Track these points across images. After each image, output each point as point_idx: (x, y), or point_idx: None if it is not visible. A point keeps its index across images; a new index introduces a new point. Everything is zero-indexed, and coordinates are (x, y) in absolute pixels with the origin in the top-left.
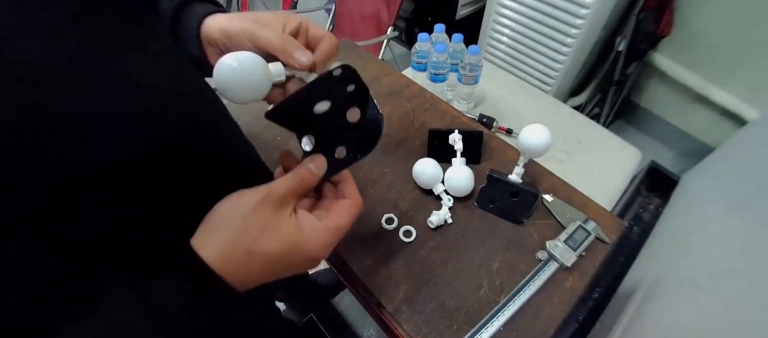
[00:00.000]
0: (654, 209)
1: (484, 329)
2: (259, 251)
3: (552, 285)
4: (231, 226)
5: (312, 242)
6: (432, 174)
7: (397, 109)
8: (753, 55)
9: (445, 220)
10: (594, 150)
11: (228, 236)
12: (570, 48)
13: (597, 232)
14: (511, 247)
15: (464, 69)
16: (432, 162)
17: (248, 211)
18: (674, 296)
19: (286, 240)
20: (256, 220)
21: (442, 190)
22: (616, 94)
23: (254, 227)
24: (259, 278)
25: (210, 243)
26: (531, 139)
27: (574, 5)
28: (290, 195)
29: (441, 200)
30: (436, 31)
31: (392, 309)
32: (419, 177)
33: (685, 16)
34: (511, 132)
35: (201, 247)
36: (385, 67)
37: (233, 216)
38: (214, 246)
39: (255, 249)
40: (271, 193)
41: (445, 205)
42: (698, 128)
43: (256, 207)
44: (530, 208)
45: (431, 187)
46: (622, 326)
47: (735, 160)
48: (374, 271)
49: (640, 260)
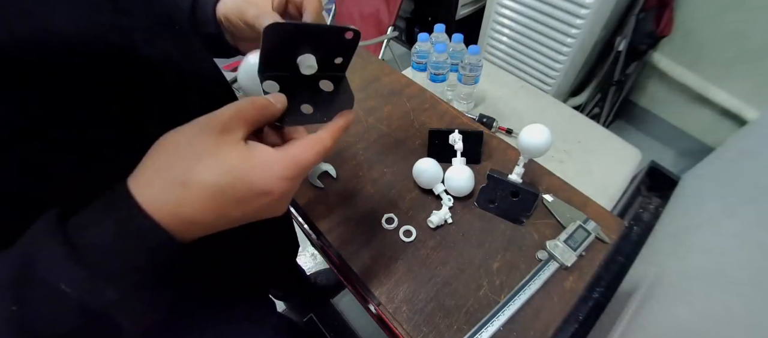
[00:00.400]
0: (654, 209)
1: (484, 329)
2: (195, 180)
3: (552, 285)
4: (164, 158)
5: (262, 172)
6: (432, 173)
7: (397, 108)
8: (753, 55)
9: (445, 220)
10: (594, 150)
11: (161, 170)
12: (570, 48)
13: (597, 232)
14: (511, 247)
15: (464, 69)
16: (432, 161)
17: (186, 140)
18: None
19: (229, 167)
20: (193, 148)
21: (442, 190)
22: (616, 94)
23: (190, 155)
24: (203, 218)
25: (143, 181)
26: (531, 139)
27: (574, 5)
28: (237, 121)
29: (441, 200)
30: (436, 31)
31: (392, 309)
32: (419, 176)
33: (685, 16)
34: (511, 132)
35: (135, 187)
36: (385, 67)
37: (169, 148)
38: (147, 183)
39: (190, 178)
40: (214, 119)
41: (445, 205)
42: (698, 128)
43: (195, 135)
44: (530, 208)
45: (431, 187)
46: (622, 326)
47: (735, 160)
48: (374, 271)
49: (640, 260)
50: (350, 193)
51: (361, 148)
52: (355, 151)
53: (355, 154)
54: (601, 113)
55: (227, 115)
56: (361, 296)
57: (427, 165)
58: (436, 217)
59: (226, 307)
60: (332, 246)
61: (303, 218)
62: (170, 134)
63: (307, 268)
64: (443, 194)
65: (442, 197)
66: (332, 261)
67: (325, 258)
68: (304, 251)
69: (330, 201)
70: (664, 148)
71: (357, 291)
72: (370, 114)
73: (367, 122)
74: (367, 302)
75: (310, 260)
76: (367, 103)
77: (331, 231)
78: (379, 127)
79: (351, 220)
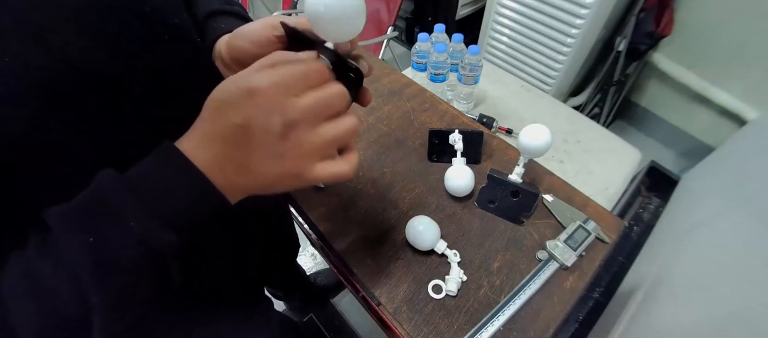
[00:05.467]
0: (654, 209)
1: (484, 329)
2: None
3: (552, 285)
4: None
5: (246, 71)
6: (430, 235)
7: (397, 108)
8: (753, 55)
9: (461, 278)
10: (594, 150)
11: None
12: (570, 48)
13: (597, 232)
14: (511, 247)
15: (464, 69)
16: (426, 219)
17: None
18: (674, 296)
19: (225, 81)
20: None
21: (444, 248)
22: (616, 94)
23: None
24: (211, 130)
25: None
26: (531, 139)
27: (574, 5)
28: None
29: (446, 258)
30: (436, 31)
31: (392, 309)
32: (416, 240)
33: (685, 16)
34: (511, 132)
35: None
36: (385, 67)
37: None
38: (187, 139)
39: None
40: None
41: (453, 264)
42: (698, 128)
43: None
44: (530, 208)
45: (431, 248)
46: (622, 326)
47: (735, 160)
48: (374, 271)
49: (640, 260)
50: (350, 193)
51: (361, 148)
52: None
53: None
54: (601, 113)
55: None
56: (361, 296)
57: (423, 224)
58: (452, 284)
59: (226, 307)
60: (332, 246)
61: (303, 218)
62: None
63: (307, 268)
64: (447, 251)
65: (448, 254)
66: (332, 261)
67: (325, 258)
68: (304, 251)
69: (330, 202)
70: (664, 148)
71: (357, 291)
72: (370, 114)
73: (367, 122)
74: (367, 302)
75: (310, 260)
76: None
77: (331, 231)
78: (379, 126)
79: (351, 220)
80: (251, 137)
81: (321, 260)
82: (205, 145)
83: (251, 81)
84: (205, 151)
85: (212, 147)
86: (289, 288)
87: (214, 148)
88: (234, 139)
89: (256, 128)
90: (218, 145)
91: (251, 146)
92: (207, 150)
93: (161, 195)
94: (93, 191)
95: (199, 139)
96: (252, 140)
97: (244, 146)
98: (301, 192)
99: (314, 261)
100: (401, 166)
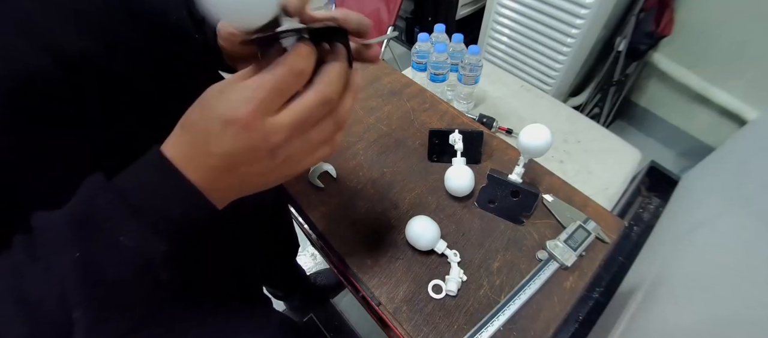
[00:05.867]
0: (654, 209)
1: (484, 329)
2: (183, 122)
3: (552, 285)
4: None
5: (228, 97)
6: (430, 235)
7: (397, 108)
8: (753, 55)
9: (461, 278)
10: (594, 150)
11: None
12: (570, 48)
13: (597, 232)
14: (511, 247)
15: (464, 69)
16: (426, 219)
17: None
18: (674, 296)
19: (201, 98)
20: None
21: (444, 248)
22: (616, 94)
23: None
24: (188, 151)
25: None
26: (531, 139)
27: (574, 5)
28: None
29: (446, 258)
30: (436, 31)
31: (392, 308)
32: (417, 240)
33: (685, 16)
34: (511, 132)
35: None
36: (385, 67)
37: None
38: (174, 144)
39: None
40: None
41: (453, 264)
42: (698, 128)
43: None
44: (530, 208)
45: (431, 248)
46: (622, 326)
47: (735, 160)
48: (374, 271)
49: (640, 260)
50: (350, 193)
51: (361, 148)
52: (355, 151)
53: (355, 154)
54: (601, 113)
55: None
56: (361, 296)
57: (423, 224)
58: (452, 284)
59: (225, 307)
60: (332, 246)
61: (303, 218)
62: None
63: (307, 268)
64: (447, 251)
65: (448, 254)
66: (332, 261)
67: (325, 258)
68: (304, 251)
69: (330, 202)
70: (664, 148)
71: (357, 291)
72: (370, 114)
73: (367, 122)
74: (367, 302)
75: (310, 260)
76: (367, 103)
77: (330, 231)
78: (379, 126)
79: (351, 220)
80: (239, 165)
81: (321, 260)
82: (189, 168)
83: (226, 111)
84: (190, 172)
85: (197, 171)
86: (289, 288)
87: (199, 172)
88: (221, 165)
89: (243, 157)
90: (203, 169)
91: (241, 170)
92: (192, 172)
93: (151, 203)
94: (80, 200)
95: (182, 160)
96: (240, 167)
97: (233, 170)
98: (301, 192)
99: (314, 261)
100: (401, 166)
